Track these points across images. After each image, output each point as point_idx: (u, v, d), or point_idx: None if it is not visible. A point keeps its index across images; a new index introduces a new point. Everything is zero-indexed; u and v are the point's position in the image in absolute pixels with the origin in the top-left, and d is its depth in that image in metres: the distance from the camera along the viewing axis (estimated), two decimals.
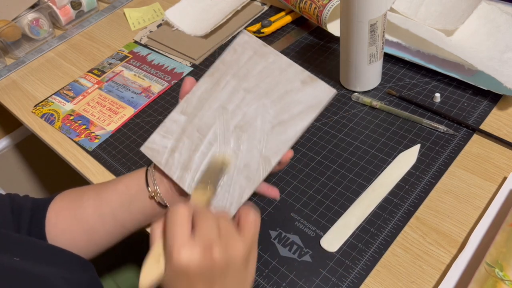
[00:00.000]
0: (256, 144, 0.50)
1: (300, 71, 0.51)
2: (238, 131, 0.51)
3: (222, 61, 0.53)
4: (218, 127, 0.51)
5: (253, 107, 0.51)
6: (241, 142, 0.50)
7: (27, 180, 1.22)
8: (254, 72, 0.52)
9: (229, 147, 0.51)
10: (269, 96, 0.51)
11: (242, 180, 0.49)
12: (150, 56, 0.89)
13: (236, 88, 0.52)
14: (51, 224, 0.55)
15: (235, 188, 0.49)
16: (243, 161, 0.50)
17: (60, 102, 0.83)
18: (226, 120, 0.51)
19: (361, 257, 0.53)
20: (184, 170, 0.51)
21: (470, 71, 0.68)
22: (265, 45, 0.52)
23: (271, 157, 0.49)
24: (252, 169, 0.49)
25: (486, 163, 0.59)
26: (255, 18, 0.92)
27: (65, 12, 0.98)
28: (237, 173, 0.50)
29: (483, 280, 0.47)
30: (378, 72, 0.70)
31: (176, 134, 0.53)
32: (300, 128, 0.49)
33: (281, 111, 0.50)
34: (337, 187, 0.60)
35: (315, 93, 0.50)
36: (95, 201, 0.55)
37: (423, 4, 0.76)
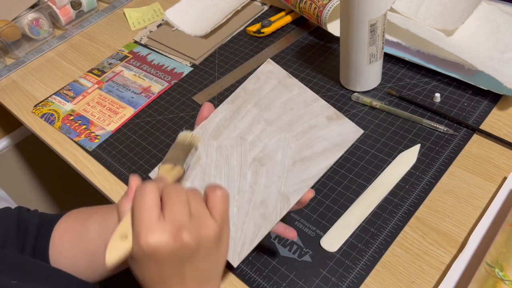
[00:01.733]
0: (275, 180, 0.47)
1: (326, 106, 0.49)
2: (257, 164, 0.48)
3: (244, 88, 0.51)
4: (235, 158, 0.49)
5: (274, 140, 0.48)
6: (259, 176, 0.47)
7: (27, 180, 1.22)
8: (277, 103, 0.50)
9: (246, 181, 0.48)
10: (291, 130, 0.48)
11: (257, 218, 0.46)
12: (150, 56, 0.89)
13: (257, 118, 0.49)
14: (55, 244, 0.53)
15: (249, 225, 0.46)
16: (260, 197, 0.47)
17: (60, 102, 0.83)
18: (244, 151, 0.49)
19: (361, 257, 0.53)
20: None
21: (470, 71, 0.68)
22: (290, 76, 0.50)
23: (290, 195, 0.46)
24: (269, 207, 0.46)
25: (486, 163, 0.59)
26: (255, 18, 0.92)
27: (65, 12, 0.98)
28: (253, 209, 0.46)
29: (483, 280, 0.47)
30: (378, 72, 0.70)
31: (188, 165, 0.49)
32: (324, 167, 0.47)
33: (304, 146, 0.48)
34: (337, 187, 0.60)
35: (341, 131, 0.48)
36: (100, 226, 0.53)
37: (423, 4, 0.76)
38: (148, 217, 0.36)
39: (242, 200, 0.47)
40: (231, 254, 0.45)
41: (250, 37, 0.88)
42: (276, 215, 0.46)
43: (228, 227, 0.41)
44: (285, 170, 0.47)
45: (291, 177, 0.47)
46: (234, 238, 0.46)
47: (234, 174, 0.48)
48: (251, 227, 0.46)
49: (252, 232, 0.46)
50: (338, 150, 0.47)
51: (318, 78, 0.76)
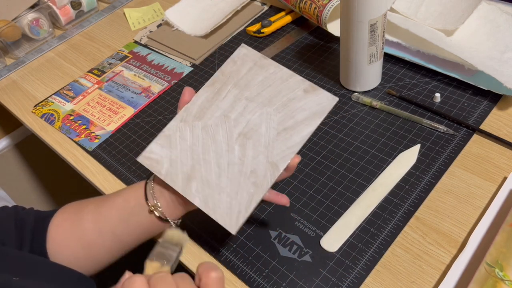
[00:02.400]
0: (262, 150, 0.50)
1: (301, 80, 0.52)
2: (243, 138, 0.51)
3: (222, 72, 0.54)
4: (221, 134, 0.51)
5: (257, 115, 0.51)
6: (247, 148, 0.50)
7: (27, 180, 1.22)
8: (255, 82, 0.53)
9: (234, 154, 0.50)
10: (272, 104, 0.52)
11: (249, 186, 0.49)
12: (150, 56, 0.89)
13: (238, 97, 0.53)
14: (51, 238, 0.54)
15: (243, 194, 0.49)
16: (250, 168, 0.50)
17: (60, 102, 0.83)
18: (229, 127, 0.51)
19: (361, 257, 0.53)
20: (188, 180, 0.50)
21: (470, 71, 0.68)
22: (265, 58, 0.54)
23: (278, 162, 0.49)
24: (260, 175, 0.49)
25: (486, 163, 0.59)
26: (255, 18, 0.92)
27: (65, 12, 0.98)
28: (244, 179, 0.49)
29: (483, 280, 0.47)
30: (378, 72, 0.70)
31: (174, 144, 0.52)
32: (306, 133, 0.50)
33: (285, 118, 0.51)
34: (337, 187, 0.60)
35: (319, 101, 0.51)
36: (94, 216, 0.54)
37: (423, 4, 0.76)
38: None
39: (233, 172, 0.50)
40: (228, 222, 0.48)
41: (250, 37, 0.88)
42: (267, 182, 0.49)
43: None
44: (270, 140, 0.50)
45: (277, 146, 0.50)
46: (230, 208, 0.48)
47: (222, 149, 0.51)
48: (245, 196, 0.49)
49: (246, 201, 0.48)
50: (317, 118, 0.51)
51: (318, 78, 0.76)
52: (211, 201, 0.49)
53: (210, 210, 0.49)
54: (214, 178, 0.50)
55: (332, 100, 0.51)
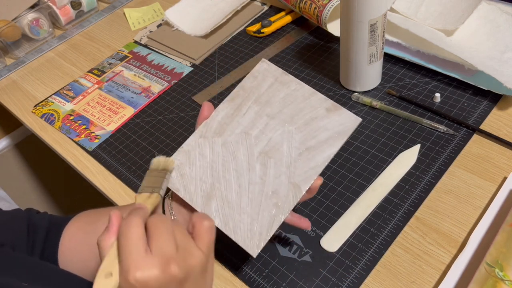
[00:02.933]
0: (284, 171, 0.48)
1: (323, 99, 0.51)
2: (264, 157, 0.49)
3: (242, 87, 0.52)
4: (242, 152, 0.50)
5: (278, 133, 0.50)
6: (268, 168, 0.49)
7: (27, 180, 1.22)
8: (276, 98, 0.51)
9: (255, 173, 0.49)
10: (293, 122, 0.50)
11: (271, 207, 0.47)
12: (150, 56, 0.89)
13: (259, 113, 0.51)
14: (64, 246, 0.53)
15: (264, 215, 0.47)
16: (271, 188, 0.48)
17: (60, 102, 0.83)
18: (250, 145, 0.50)
19: (361, 257, 0.53)
20: (208, 199, 0.49)
21: (470, 71, 0.68)
22: (286, 74, 0.52)
23: (300, 184, 0.48)
24: (281, 196, 0.47)
25: (486, 163, 0.59)
26: (255, 18, 0.92)
27: (65, 12, 0.98)
28: (265, 199, 0.48)
29: (483, 280, 0.47)
30: (378, 72, 0.70)
31: (193, 160, 0.50)
32: (329, 154, 0.48)
33: (307, 137, 0.49)
34: (337, 187, 0.60)
35: (341, 121, 0.50)
36: None
37: (423, 4, 0.76)
38: (136, 252, 0.35)
39: (253, 192, 0.48)
40: (249, 245, 0.46)
41: (250, 37, 0.88)
42: (289, 204, 0.47)
43: (212, 256, 0.41)
44: (292, 160, 0.49)
45: (299, 166, 0.48)
46: (251, 229, 0.47)
47: (243, 167, 0.49)
48: (266, 217, 0.47)
49: (267, 222, 0.47)
50: (341, 138, 0.49)
51: (318, 78, 0.76)
52: (231, 221, 0.47)
53: (230, 231, 0.47)
54: (235, 198, 0.48)
55: (356, 121, 0.49)
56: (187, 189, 0.49)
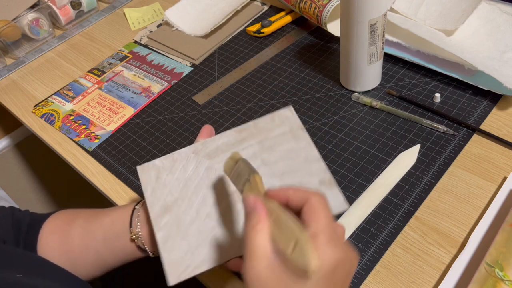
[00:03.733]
0: (241, 223, 0.46)
1: (323, 170, 0.47)
2: (234, 197, 0.47)
3: (256, 124, 0.51)
4: (218, 184, 0.48)
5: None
6: (231, 211, 0.47)
7: (27, 180, 1.22)
8: (280, 148, 0.49)
9: (217, 210, 0.47)
10: (282, 179, 0.48)
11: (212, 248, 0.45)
12: (150, 56, 0.89)
13: (256, 155, 0.49)
14: (42, 243, 0.54)
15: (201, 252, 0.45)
16: (222, 231, 0.46)
17: (60, 102, 0.83)
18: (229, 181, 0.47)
19: (361, 257, 0.53)
20: (164, 211, 0.48)
21: (470, 71, 0.68)
22: (303, 129, 0.50)
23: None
24: (226, 243, 0.46)
25: (486, 163, 0.59)
26: (255, 18, 0.92)
27: (65, 12, 0.98)
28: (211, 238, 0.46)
29: (483, 280, 0.47)
30: (378, 72, 0.70)
31: (174, 169, 0.50)
32: None
33: None
34: None
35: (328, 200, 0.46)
36: (82, 231, 0.53)
37: (423, 4, 0.76)
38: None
39: (205, 225, 0.46)
40: (172, 271, 0.45)
41: (250, 37, 0.88)
42: (228, 254, 0.45)
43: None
44: None
45: None
46: (183, 258, 0.45)
47: (210, 199, 0.48)
48: (201, 255, 0.45)
49: (200, 260, 0.45)
50: None
51: (318, 78, 0.76)
52: (171, 242, 0.46)
53: (165, 250, 0.46)
54: (187, 222, 0.47)
55: (342, 206, 0.45)
56: (154, 193, 0.49)
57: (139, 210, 0.51)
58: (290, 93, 0.74)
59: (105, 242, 0.52)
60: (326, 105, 0.71)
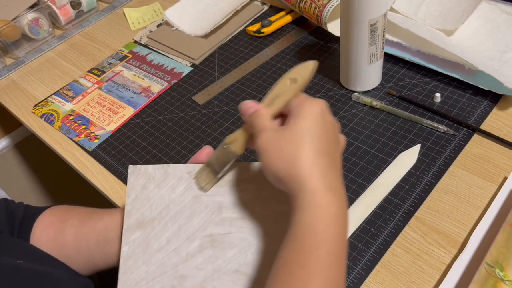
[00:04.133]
0: (209, 270, 0.44)
1: None
2: (208, 242, 0.45)
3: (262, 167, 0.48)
4: (199, 220, 0.46)
5: (240, 235, 0.45)
6: (201, 254, 0.45)
7: (27, 180, 1.22)
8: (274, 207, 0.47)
9: (187, 247, 0.45)
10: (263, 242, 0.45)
11: (167, 286, 0.44)
12: (150, 56, 0.88)
13: (247, 204, 0.47)
14: (35, 237, 0.54)
15: (155, 285, 0.44)
16: (184, 271, 0.44)
17: (60, 102, 0.83)
18: (210, 221, 0.46)
19: (361, 257, 0.53)
20: (138, 226, 0.47)
21: (470, 71, 0.68)
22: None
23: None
24: (186, 285, 0.44)
25: (486, 163, 0.59)
26: (255, 18, 0.92)
27: (65, 12, 0.98)
28: (170, 275, 0.44)
29: (484, 281, 0.47)
30: (378, 72, 0.70)
31: (164, 184, 0.49)
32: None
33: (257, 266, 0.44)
34: None
35: None
36: (75, 231, 0.54)
37: (423, 4, 0.76)
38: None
39: (170, 259, 0.45)
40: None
41: (250, 37, 0.88)
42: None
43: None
44: (224, 270, 0.44)
45: (222, 280, 0.44)
46: (138, 283, 0.44)
47: (185, 232, 0.46)
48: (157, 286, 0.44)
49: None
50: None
51: (318, 78, 0.76)
52: (132, 260, 0.45)
53: (124, 267, 0.45)
54: (154, 248, 0.45)
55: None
56: (135, 202, 0.48)
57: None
58: None
59: (97, 246, 0.52)
60: None
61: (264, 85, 0.77)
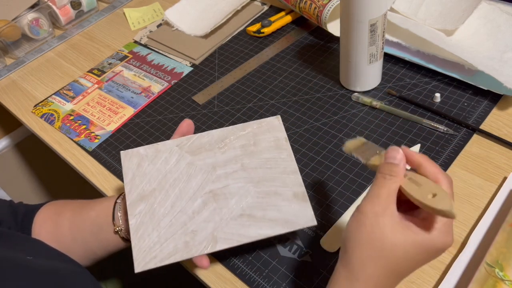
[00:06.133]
0: (216, 220, 0.48)
1: (299, 183, 0.50)
2: (210, 197, 0.49)
3: (243, 127, 0.54)
4: (196, 181, 0.50)
5: (238, 185, 0.50)
6: (206, 208, 0.49)
7: (27, 180, 1.22)
8: (261, 156, 0.52)
9: (192, 206, 0.49)
10: (258, 186, 0.50)
11: (180, 243, 0.47)
12: (150, 56, 0.89)
13: (237, 158, 0.52)
14: (36, 232, 0.56)
15: (169, 245, 0.47)
16: (194, 226, 0.48)
17: (60, 102, 0.83)
18: (207, 179, 0.50)
19: None
20: (141, 199, 0.50)
21: (470, 71, 0.68)
22: (287, 140, 0.53)
23: (219, 240, 0.47)
24: (196, 239, 0.47)
25: (486, 163, 0.59)
26: (255, 18, 0.92)
27: (65, 12, 0.98)
28: (181, 233, 0.47)
29: (483, 280, 0.47)
30: (378, 72, 0.70)
31: (157, 159, 0.52)
32: (263, 234, 0.47)
33: (258, 206, 0.49)
34: (337, 187, 0.60)
35: (297, 213, 0.48)
36: (70, 223, 0.56)
37: (423, 4, 0.76)
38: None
39: (178, 219, 0.48)
40: (139, 259, 0.46)
41: (250, 37, 0.88)
42: (197, 250, 0.46)
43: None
44: (230, 217, 0.48)
45: (231, 225, 0.48)
46: (151, 248, 0.47)
47: (187, 194, 0.49)
48: (170, 248, 0.47)
49: (167, 252, 0.46)
50: (284, 227, 0.48)
51: (318, 78, 0.76)
52: (142, 230, 0.48)
53: (136, 237, 0.47)
54: (160, 214, 0.48)
55: (309, 222, 0.48)
56: (133, 180, 0.51)
57: (120, 203, 0.54)
58: (290, 93, 0.74)
59: (92, 235, 0.55)
60: (326, 105, 0.71)
61: (264, 85, 0.77)
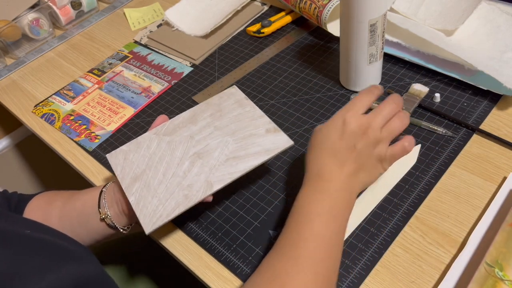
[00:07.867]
0: (206, 171, 0.54)
1: (267, 122, 0.58)
2: (196, 157, 0.56)
3: (207, 102, 0.62)
4: (180, 150, 0.57)
5: (217, 141, 0.57)
6: (194, 166, 0.55)
7: (27, 180, 1.22)
8: (229, 115, 0.60)
9: (182, 168, 0.55)
10: (234, 136, 0.57)
11: (180, 197, 0.52)
12: (150, 56, 0.89)
13: (209, 124, 0.59)
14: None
15: (171, 203, 0.52)
16: (188, 182, 0.54)
17: (60, 102, 0.83)
18: (189, 146, 0.57)
19: (361, 257, 0.53)
20: (134, 180, 0.55)
21: (470, 71, 0.68)
22: (247, 99, 0.61)
23: (214, 183, 0.53)
24: (193, 190, 0.53)
25: (486, 163, 0.59)
26: (255, 18, 0.92)
27: (65, 12, 0.98)
28: (178, 190, 0.53)
29: (483, 280, 0.47)
30: (378, 72, 0.70)
31: (139, 149, 0.58)
32: (250, 165, 0.54)
33: (239, 148, 0.56)
34: None
35: (275, 141, 0.56)
36: (59, 212, 0.58)
37: (423, 4, 0.77)
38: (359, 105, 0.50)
39: (172, 182, 0.54)
40: (147, 222, 0.51)
41: (250, 37, 0.88)
42: (196, 197, 0.52)
43: (386, 168, 0.52)
44: (218, 164, 0.55)
45: (220, 169, 0.54)
46: (155, 210, 0.52)
47: (174, 162, 0.56)
48: (172, 204, 0.52)
49: (171, 208, 0.52)
50: (267, 154, 0.55)
51: (318, 78, 0.76)
52: (143, 202, 0.53)
53: (138, 209, 0.52)
54: (155, 184, 0.54)
55: (287, 143, 0.55)
56: (123, 170, 0.56)
57: (105, 192, 0.57)
58: (290, 93, 0.74)
59: (79, 224, 0.57)
60: (326, 105, 0.71)
61: (264, 85, 0.77)
